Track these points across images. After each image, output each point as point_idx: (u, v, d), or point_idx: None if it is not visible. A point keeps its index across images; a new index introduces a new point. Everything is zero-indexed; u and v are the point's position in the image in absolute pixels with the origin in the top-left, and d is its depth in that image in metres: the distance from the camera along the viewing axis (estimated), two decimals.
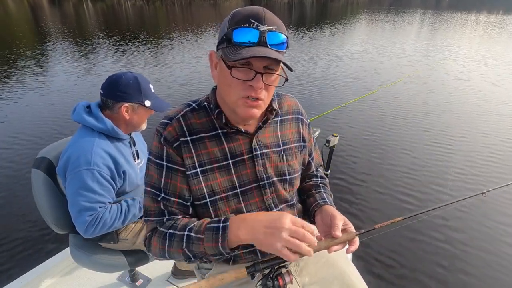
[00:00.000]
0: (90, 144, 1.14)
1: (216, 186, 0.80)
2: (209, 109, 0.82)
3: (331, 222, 0.80)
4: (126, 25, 17.02)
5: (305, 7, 42.41)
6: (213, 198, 0.81)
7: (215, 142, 0.80)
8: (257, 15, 0.68)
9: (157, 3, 45.59)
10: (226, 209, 0.82)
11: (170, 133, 0.78)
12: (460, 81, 6.93)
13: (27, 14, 23.31)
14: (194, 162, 0.79)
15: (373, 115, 4.94)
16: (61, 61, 7.99)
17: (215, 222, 0.74)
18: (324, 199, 0.93)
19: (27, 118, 4.51)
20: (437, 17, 26.97)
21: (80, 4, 36.17)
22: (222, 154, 0.80)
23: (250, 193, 0.83)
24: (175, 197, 0.80)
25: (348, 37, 13.44)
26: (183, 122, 0.80)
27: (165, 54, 9.18)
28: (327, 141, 2.00)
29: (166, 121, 0.80)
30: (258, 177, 0.83)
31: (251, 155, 0.82)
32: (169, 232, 0.77)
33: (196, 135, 0.79)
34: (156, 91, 1.32)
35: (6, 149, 3.63)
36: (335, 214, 0.82)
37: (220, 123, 0.80)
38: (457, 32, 16.14)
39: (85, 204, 1.12)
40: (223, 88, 0.75)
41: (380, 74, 7.43)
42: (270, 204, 0.86)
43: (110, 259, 1.32)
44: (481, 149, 3.87)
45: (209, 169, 0.80)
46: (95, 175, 1.12)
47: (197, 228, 0.74)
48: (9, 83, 6.11)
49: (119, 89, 1.18)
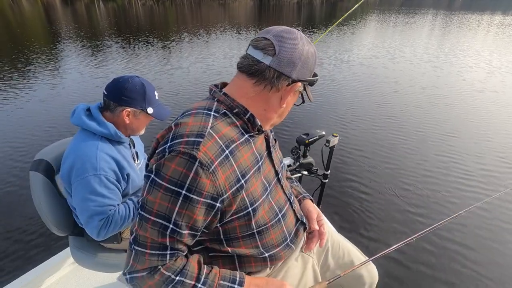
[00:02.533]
0: (94, 149, 1.13)
1: (255, 192, 0.77)
2: (231, 114, 0.76)
3: (307, 216, 0.96)
4: (136, 25, 17.21)
5: (315, 7, 42.19)
6: (254, 206, 0.76)
7: (246, 147, 0.77)
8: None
9: (167, 3, 45.99)
10: (263, 212, 0.79)
11: (206, 154, 0.66)
12: (467, 82, 6.77)
13: (40, 13, 23.79)
14: (238, 175, 0.72)
15: (373, 115, 4.90)
16: (70, 62, 8.08)
17: (230, 281, 0.74)
18: (304, 193, 1.05)
19: (25, 119, 4.50)
20: (451, 18, 26.44)
21: (92, 4, 36.76)
22: (254, 158, 0.79)
23: (274, 188, 0.85)
24: (187, 229, 0.68)
25: (357, 38, 13.28)
26: (216, 136, 0.70)
27: (174, 55, 9.23)
28: (327, 141, 1.99)
29: (194, 139, 0.67)
30: (277, 169, 0.87)
31: (268, 151, 0.85)
32: (178, 280, 0.69)
33: (231, 146, 0.72)
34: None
35: (5, 149, 3.66)
36: (310, 209, 0.97)
37: (252, 126, 0.78)
38: (474, 33, 15.79)
39: (96, 208, 1.12)
40: (285, 110, 0.82)
41: (388, 78, 7.31)
42: (289, 193, 0.91)
43: (114, 259, 1.32)
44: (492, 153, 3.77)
45: (249, 177, 0.76)
46: (102, 180, 1.12)
47: (211, 282, 0.72)
48: (16, 83, 6.18)
49: (124, 94, 1.18)
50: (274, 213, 0.82)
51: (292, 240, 0.89)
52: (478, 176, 3.28)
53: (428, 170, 3.41)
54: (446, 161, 3.58)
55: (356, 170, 3.38)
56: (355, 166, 3.46)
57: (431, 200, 2.90)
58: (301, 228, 0.93)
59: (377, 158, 3.66)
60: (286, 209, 0.87)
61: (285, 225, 0.86)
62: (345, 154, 3.71)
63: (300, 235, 0.93)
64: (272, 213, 0.82)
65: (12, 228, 2.44)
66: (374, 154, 3.73)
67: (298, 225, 0.92)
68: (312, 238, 0.93)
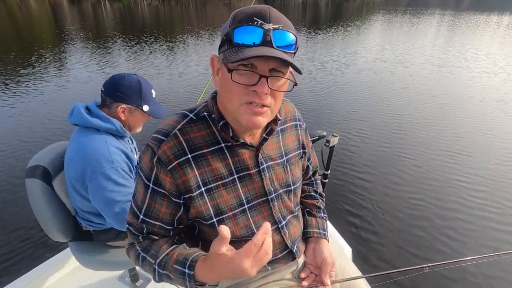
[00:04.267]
0: (104, 144, 1.14)
1: (223, 205, 0.75)
2: (209, 119, 0.75)
3: (321, 266, 0.86)
4: (142, 25, 17.31)
5: (320, 8, 42.04)
6: (220, 217, 0.75)
7: (218, 157, 0.74)
8: (261, 12, 0.61)
9: (172, 2, 46.19)
10: (234, 227, 0.76)
11: (165, 153, 0.70)
12: (477, 87, 6.68)
13: (47, 13, 24.04)
14: (198, 182, 0.72)
15: (373, 116, 4.88)
16: (74, 62, 8.08)
17: (181, 264, 0.69)
18: (324, 231, 0.95)
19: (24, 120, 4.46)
20: (459, 18, 26.15)
21: (98, 4, 37.05)
22: (227, 169, 0.74)
23: (258, 208, 0.79)
24: (157, 220, 0.75)
25: (362, 40, 13.20)
26: (182, 138, 0.71)
27: (179, 54, 9.27)
28: (327, 141, 1.98)
29: (160, 137, 0.71)
30: (267, 191, 0.79)
31: (257, 169, 0.78)
32: (142, 256, 0.76)
33: (197, 151, 0.72)
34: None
35: (5, 148, 3.67)
36: (327, 260, 0.86)
37: (225, 136, 0.74)
38: (482, 35, 15.59)
39: (122, 198, 1.13)
40: (224, 95, 0.68)
41: (393, 81, 7.25)
42: (279, 217, 0.83)
43: (120, 256, 1.32)
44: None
45: (214, 187, 0.73)
46: (120, 171, 1.14)
47: (166, 265, 0.72)
48: (18, 83, 6.17)
49: (120, 90, 1.19)
50: (249, 231, 0.78)
51: (271, 264, 0.84)
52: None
53: (429, 170, 3.37)
54: (451, 167, 3.53)
55: (356, 170, 3.37)
56: (355, 166, 3.45)
57: (432, 204, 2.86)
58: (288, 257, 0.87)
59: (377, 158, 3.64)
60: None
61: None
62: (345, 154, 3.70)
63: (284, 263, 0.87)
64: (247, 231, 0.78)
65: (12, 228, 2.45)
66: (374, 154, 3.72)
67: (285, 253, 0.86)
68: (312, 283, 0.86)
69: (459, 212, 2.76)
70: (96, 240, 1.31)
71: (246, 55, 0.57)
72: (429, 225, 2.58)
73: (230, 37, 0.62)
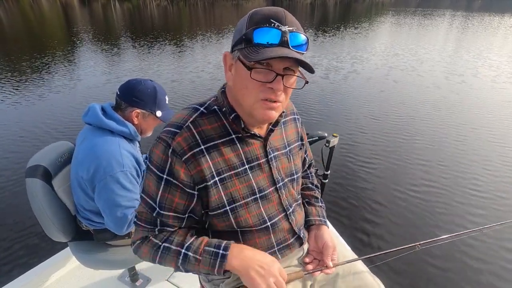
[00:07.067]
0: (117, 147, 1.16)
1: (236, 194, 0.78)
2: (220, 113, 0.79)
3: (323, 250, 0.91)
4: (151, 26, 17.50)
5: (328, 8, 41.88)
6: (233, 205, 0.78)
7: (230, 148, 0.77)
8: (277, 15, 0.66)
9: (181, 3, 46.61)
10: (247, 215, 0.80)
11: (180, 144, 0.72)
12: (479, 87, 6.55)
13: (59, 13, 24.52)
14: (212, 171, 0.75)
15: (374, 116, 4.84)
16: (82, 63, 8.16)
17: (215, 247, 0.75)
18: (324, 219, 1.01)
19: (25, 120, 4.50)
20: (471, 20, 25.71)
21: (108, 4, 37.62)
22: (239, 159, 0.78)
23: (269, 196, 0.83)
24: (171, 211, 0.77)
25: (368, 42, 13.09)
26: (194, 130, 0.74)
27: (187, 55, 9.32)
28: (327, 141, 1.98)
29: (173, 130, 0.74)
30: (275, 179, 0.84)
31: (266, 159, 0.83)
32: (164, 246, 0.77)
33: (210, 143, 0.75)
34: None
35: (5, 147, 3.71)
36: (328, 243, 0.91)
37: (237, 127, 0.78)
38: (494, 37, 15.30)
39: (127, 203, 1.15)
40: (240, 91, 0.72)
41: (398, 82, 7.17)
42: (287, 205, 0.88)
43: (121, 254, 1.33)
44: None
45: (228, 177, 0.77)
46: (128, 176, 1.15)
47: (195, 248, 0.75)
48: (26, 82, 6.26)
49: (135, 95, 1.21)
50: (261, 219, 0.82)
51: (281, 251, 0.88)
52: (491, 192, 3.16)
53: (429, 172, 3.35)
54: (452, 167, 3.46)
55: (356, 170, 3.36)
56: (355, 166, 3.44)
57: (432, 205, 2.84)
58: (296, 243, 0.91)
59: (377, 158, 3.62)
60: (279, 219, 0.86)
61: (274, 234, 0.86)
62: (345, 154, 3.69)
63: (293, 249, 0.91)
64: (258, 219, 0.82)
65: (12, 228, 2.47)
66: (374, 155, 3.70)
67: (293, 239, 0.90)
68: (316, 267, 0.90)
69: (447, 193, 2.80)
70: (96, 239, 1.31)
71: (269, 55, 0.63)
72: (429, 225, 2.56)
73: (249, 37, 0.66)
